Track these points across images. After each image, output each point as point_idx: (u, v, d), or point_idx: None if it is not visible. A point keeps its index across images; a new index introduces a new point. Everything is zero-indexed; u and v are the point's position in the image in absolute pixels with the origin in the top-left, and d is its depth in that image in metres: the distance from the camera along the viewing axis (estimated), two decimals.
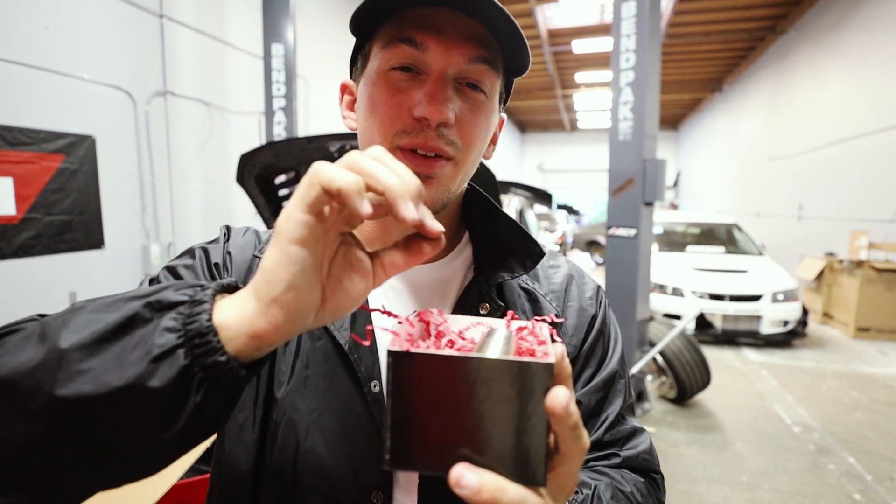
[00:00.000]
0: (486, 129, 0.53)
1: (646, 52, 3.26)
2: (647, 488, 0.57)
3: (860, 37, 6.43)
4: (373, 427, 0.52)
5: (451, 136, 0.50)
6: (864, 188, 6.24)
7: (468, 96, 0.51)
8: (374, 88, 0.51)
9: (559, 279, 0.64)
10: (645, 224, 3.43)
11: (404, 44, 0.48)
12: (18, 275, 2.91)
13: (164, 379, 0.31)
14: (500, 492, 0.29)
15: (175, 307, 0.33)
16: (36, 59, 2.94)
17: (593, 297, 0.64)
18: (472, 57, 0.49)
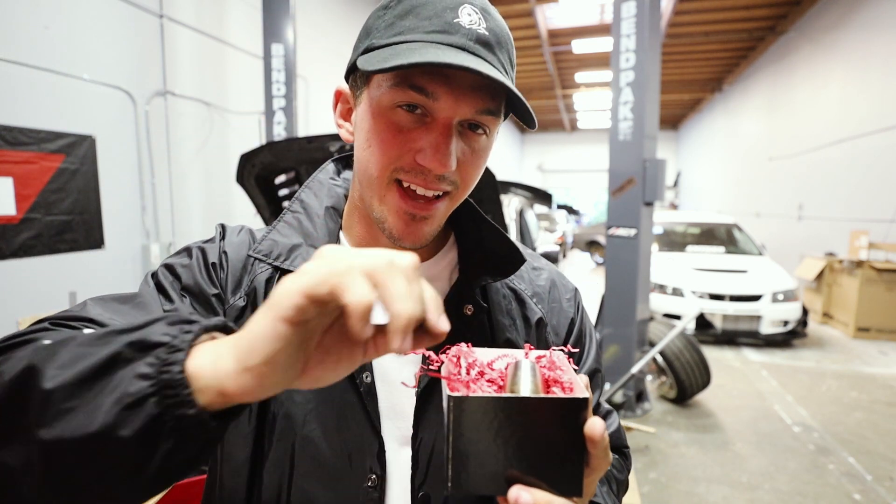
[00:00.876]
0: (484, 165, 0.55)
1: (646, 52, 3.26)
2: (619, 463, 0.64)
3: (860, 37, 6.43)
4: (365, 416, 0.54)
5: (454, 177, 0.52)
6: (864, 188, 6.24)
7: (470, 139, 0.52)
8: (375, 122, 0.51)
9: (543, 282, 0.68)
10: (645, 224, 3.43)
11: (413, 90, 0.48)
12: (18, 275, 2.91)
13: (134, 428, 0.31)
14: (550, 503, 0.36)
15: (154, 349, 0.33)
16: (36, 59, 2.94)
17: (571, 300, 0.68)
18: (479, 109, 0.50)
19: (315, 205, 0.62)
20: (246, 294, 0.57)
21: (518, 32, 9.38)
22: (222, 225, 0.62)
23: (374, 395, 0.55)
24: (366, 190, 0.54)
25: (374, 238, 0.59)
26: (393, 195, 0.52)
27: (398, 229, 0.52)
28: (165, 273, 0.56)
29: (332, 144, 2.32)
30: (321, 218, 0.60)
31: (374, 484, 0.53)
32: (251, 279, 0.57)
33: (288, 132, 4.34)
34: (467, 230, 0.64)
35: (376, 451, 0.54)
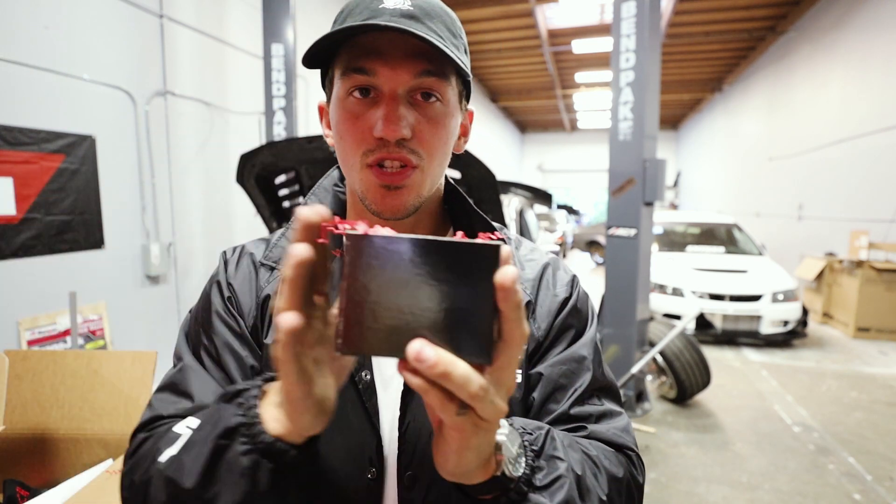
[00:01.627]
0: (447, 134, 0.57)
1: (646, 52, 3.26)
2: (617, 458, 0.56)
3: (860, 37, 6.43)
4: (364, 412, 0.57)
5: (413, 146, 0.54)
6: (864, 188, 6.24)
7: (423, 107, 0.54)
8: (337, 115, 0.56)
9: (534, 269, 0.67)
10: (645, 224, 3.43)
11: (356, 73, 0.53)
12: (18, 275, 2.91)
13: (266, 484, 0.40)
14: (452, 366, 0.31)
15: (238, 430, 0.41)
16: (36, 59, 2.94)
17: (568, 284, 0.66)
18: (417, 72, 0.53)
19: None
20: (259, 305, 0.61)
21: (518, 32, 9.38)
22: (223, 254, 0.67)
23: (373, 392, 0.57)
24: (349, 177, 0.58)
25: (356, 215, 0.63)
26: (367, 173, 0.55)
27: (376, 202, 0.55)
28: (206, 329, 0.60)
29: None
30: None
31: (373, 476, 0.56)
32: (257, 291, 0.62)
33: (288, 132, 4.34)
34: (461, 220, 0.66)
35: (375, 446, 0.56)
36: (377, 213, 0.56)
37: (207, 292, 0.63)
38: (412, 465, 0.56)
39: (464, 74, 0.58)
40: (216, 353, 0.58)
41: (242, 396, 0.43)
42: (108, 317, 3.44)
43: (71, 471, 1.21)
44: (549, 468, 0.46)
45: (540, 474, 0.45)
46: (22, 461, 1.22)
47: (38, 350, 1.29)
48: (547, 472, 0.45)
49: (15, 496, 1.08)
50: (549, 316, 0.63)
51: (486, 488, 0.42)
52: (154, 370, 1.33)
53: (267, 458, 0.40)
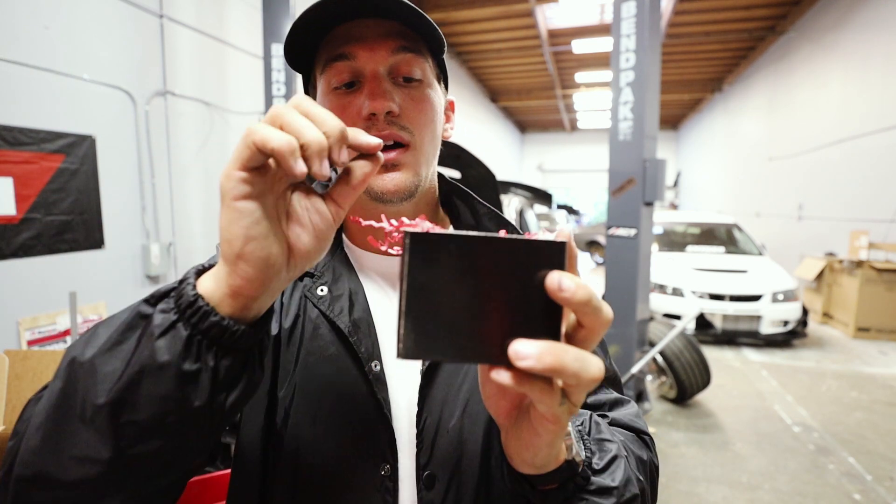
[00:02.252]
0: (433, 111, 0.57)
1: (646, 52, 3.26)
2: (638, 442, 0.58)
3: (860, 37, 6.43)
4: (376, 404, 0.55)
5: (402, 123, 0.54)
6: (864, 188, 6.24)
7: (406, 88, 0.55)
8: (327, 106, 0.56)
9: None
10: (645, 224, 3.43)
11: (338, 60, 0.54)
12: (18, 275, 2.91)
13: (173, 352, 0.34)
14: (563, 351, 0.30)
15: (167, 294, 0.37)
16: (36, 59, 2.94)
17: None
18: (394, 49, 0.54)
19: None
20: None
21: (518, 32, 9.38)
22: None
23: (383, 384, 0.55)
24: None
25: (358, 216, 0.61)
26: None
27: (375, 183, 0.55)
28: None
29: None
30: None
31: (387, 473, 0.54)
32: None
33: None
34: (461, 213, 0.66)
35: (387, 440, 0.54)
36: (378, 196, 0.55)
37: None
38: (430, 463, 0.54)
39: (436, 53, 0.58)
40: None
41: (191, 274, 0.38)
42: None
43: None
44: (602, 451, 0.46)
45: (595, 457, 0.45)
46: None
47: (38, 350, 1.29)
48: (601, 454, 0.46)
49: None
50: None
51: (558, 475, 0.41)
52: None
53: (184, 321, 0.35)
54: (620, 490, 0.44)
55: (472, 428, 0.55)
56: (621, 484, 0.44)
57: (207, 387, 0.35)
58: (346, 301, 0.57)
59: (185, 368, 0.34)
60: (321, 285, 0.59)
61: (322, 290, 0.58)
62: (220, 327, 0.35)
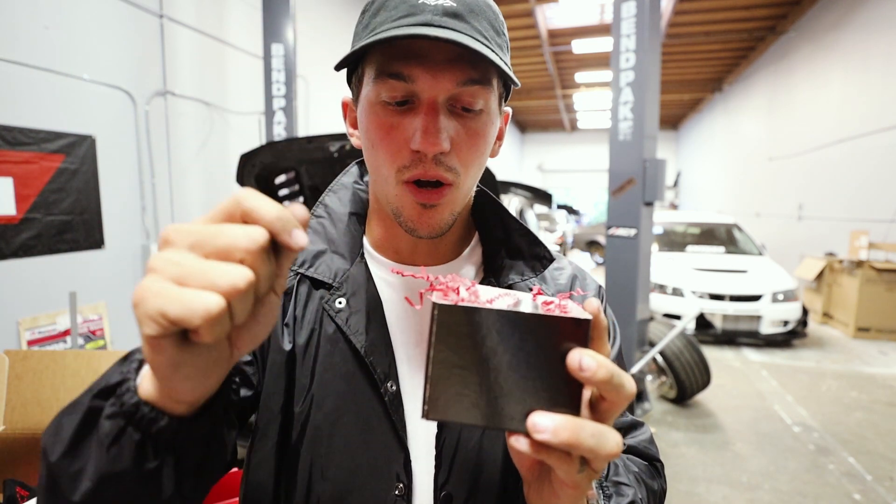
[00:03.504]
0: (485, 145, 0.53)
1: (646, 52, 3.26)
2: (650, 472, 0.59)
3: (860, 37, 6.43)
4: (390, 426, 0.54)
5: (450, 163, 0.50)
6: (864, 188, 6.24)
7: (464, 118, 0.51)
8: (369, 121, 0.52)
9: (564, 279, 0.66)
10: (645, 224, 3.43)
11: (392, 78, 0.48)
12: (18, 275, 2.91)
13: (128, 458, 0.33)
14: (579, 427, 0.31)
15: (115, 391, 0.35)
16: (36, 59, 2.94)
17: (596, 295, 0.66)
18: (461, 80, 0.48)
19: (339, 210, 0.63)
20: None
21: (518, 32, 9.38)
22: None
23: (399, 404, 0.54)
24: (380, 189, 0.55)
25: (391, 237, 0.60)
26: (403, 189, 0.52)
27: (412, 220, 0.53)
28: None
29: (332, 144, 2.32)
30: (344, 224, 0.62)
31: (401, 493, 0.53)
32: None
33: (288, 132, 4.34)
34: (492, 227, 0.63)
35: (402, 461, 0.53)
36: (412, 230, 0.53)
37: None
38: (448, 483, 0.54)
39: (506, 77, 0.52)
40: None
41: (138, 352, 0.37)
42: (108, 317, 3.44)
43: None
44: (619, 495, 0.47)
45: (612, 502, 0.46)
46: (22, 461, 1.22)
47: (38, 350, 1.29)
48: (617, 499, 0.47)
49: (15, 496, 1.08)
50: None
51: None
52: None
53: (133, 426, 0.33)
54: None
55: (491, 447, 0.55)
56: None
57: (173, 476, 0.35)
58: (363, 317, 0.56)
59: (146, 468, 0.34)
60: (339, 297, 0.57)
61: (340, 303, 0.57)
62: (172, 428, 0.34)
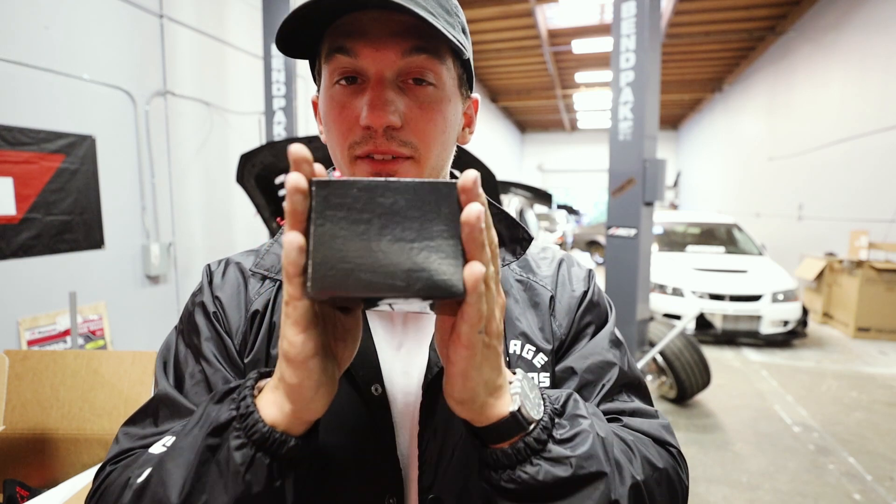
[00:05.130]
0: (444, 120, 0.50)
1: (646, 52, 3.26)
2: (657, 449, 0.51)
3: (860, 37, 6.43)
4: (377, 431, 0.53)
5: (404, 137, 0.48)
6: (864, 188, 6.24)
7: (415, 93, 0.49)
8: (325, 106, 0.52)
9: (551, 266, 0.65)
10: (645, 224, 3.43)
11: (338, 53, 0.48)
12: (18, 275, 2.91)
13: (261, 482, 0.37)
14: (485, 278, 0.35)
15: (230, 425, 0.38)
16: (36, 59, 2.94)
17: (584, 279, 0.64)
18: (405, 50, 0.47)
19: None
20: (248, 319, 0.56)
21: (518, 32, 9.38)
22: (207, 266, 0.61)
23: (386, 408, 0.53)
24: (339, 171, 0.54)
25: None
26: (357, 165, 0.50)
27: None
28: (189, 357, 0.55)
29: None
30: None
31: (391, 499, 0.52)
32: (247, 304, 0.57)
33: (288, 132, 4.34)
34: None
35: (390, 469, 0.52)
36: None
37: (190, 311, 0.57)
38: (434, 486, 0.52)
39: (461, 55, 0.50)
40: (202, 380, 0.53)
41: (235, 392, 0.40)
42: (108, 317, 3.44)
43: (71, 471, 1.21)
44: (572, 425, 0.42)
45: (561, 430, 0.42)
46: (22, 461, 1.22)
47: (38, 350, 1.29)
48: (569, 428, 0.42)
49: (15, 496, 1.08)
50: (569, 313, 0.61)
51: (504, 428, 0.40)
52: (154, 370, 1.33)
53: (263, 452, 0.37)
54: (578, 461, 0.40)
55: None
56: (582, 455, 0.40)
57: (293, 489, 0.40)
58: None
59: (275, 487, 0.38)
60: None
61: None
62: (298, 447, 0.39)
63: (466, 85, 0.55)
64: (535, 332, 0.59)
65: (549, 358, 0.58)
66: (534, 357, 0.57)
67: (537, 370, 0.57)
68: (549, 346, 0.58)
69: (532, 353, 0.57)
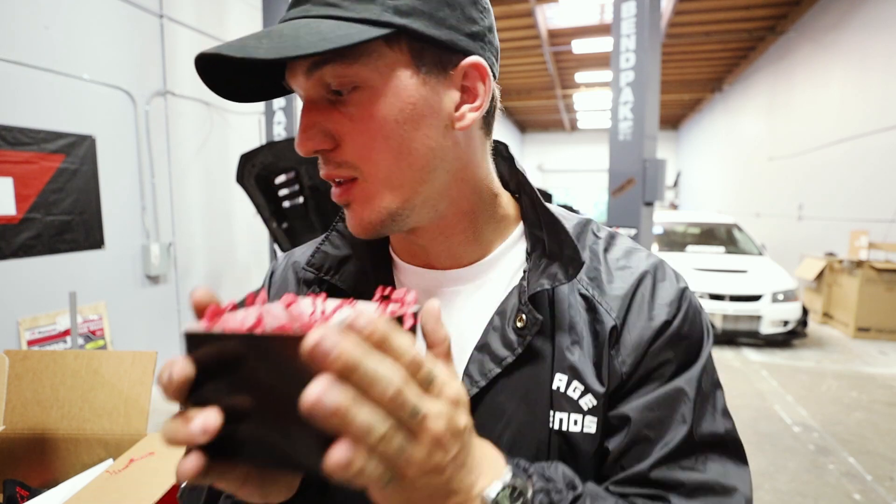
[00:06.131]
0: (384, 124, 0.42)
1: (646, 52, 3.26)
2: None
3: (860, 37, 6.43)
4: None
5: (338, 158, 0.44)
6: (864, 188, 6.24)
7: (344, 104, 0.43)
8: None
9: (627, 282, 0.51)
10: (645, 224, 3.44)
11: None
12: (18, 275, 2.91)
13: None
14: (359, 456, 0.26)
15: None
16: (36, 59, 2.94)
17: (672, 303, 0.50)
18: (306, 68, 0.42)
19: None
20: None
21: (518, 32, 9.38)
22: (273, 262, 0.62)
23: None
24: None
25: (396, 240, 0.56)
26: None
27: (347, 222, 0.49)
28: None
29: None
30: None
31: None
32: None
33: (288, 132, 4.34)
34: (533, 223, 0.53)
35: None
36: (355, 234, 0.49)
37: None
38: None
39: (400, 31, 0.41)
40: None
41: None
42: (108, 317, 3.44)
43: (71, 471, 1.21)
44: None
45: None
46: (22, 461, 1.22)
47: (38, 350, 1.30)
48: None
49: (15, 496, 1.08)
50: (638, 347, 0.48)
51: None
52: (154, 370, 1.33)
53: None
54: None
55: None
56: None
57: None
58: None
59: None
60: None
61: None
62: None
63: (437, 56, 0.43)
64: (586, 367, 0.48)
65: (599, 401, 0.47)
66: (581, 397, 0.47)
67: (583, 412, 0.47)
68: (601, 387, 0.47)
69: (580, 392, 0.47)
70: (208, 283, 4.41)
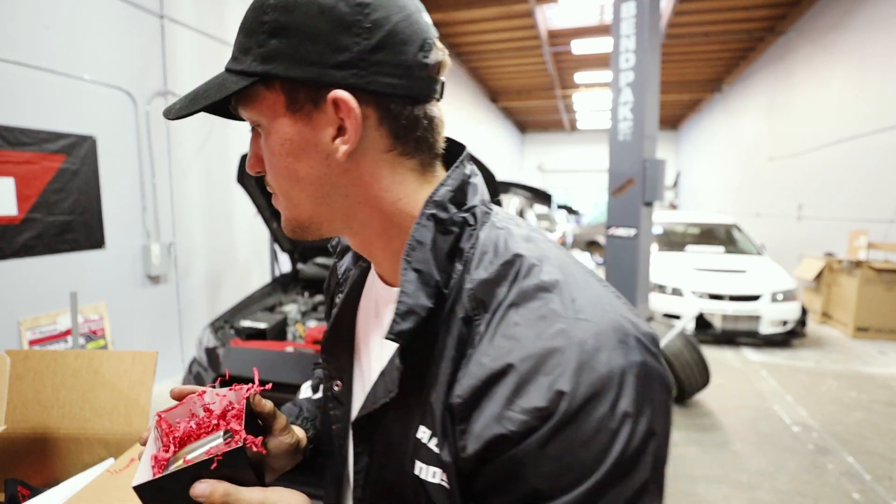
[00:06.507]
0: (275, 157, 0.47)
1: (646, 52, 3.27)
2: None
3: (860, 37, 6.44)
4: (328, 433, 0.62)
5: (266, 178, 0.51)
6: (863, 188, 6.24)
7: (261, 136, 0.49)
8: None
9: (495, 360, 0.40)
10: (645, 224, 3.44)
11: None
12: (19, 275, 2.91)
13: None
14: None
15: None
16: (36, 59, 2.94)
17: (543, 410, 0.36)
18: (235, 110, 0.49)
19: None
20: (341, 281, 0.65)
21: (518, 33, 9.39)
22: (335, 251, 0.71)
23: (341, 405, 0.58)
24: None
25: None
26: None
27: None
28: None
29: None
30: None
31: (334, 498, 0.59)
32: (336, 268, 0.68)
33: None
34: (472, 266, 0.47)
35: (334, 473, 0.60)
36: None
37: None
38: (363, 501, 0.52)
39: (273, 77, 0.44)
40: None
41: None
42: (108, 317, 3.45)
43: (72, 470, 1.21)
44: None
45: None
46: (23, 460, 1.23)
47: (39, 350, 1.30)
48: None
49: (16, 495, 1.08)
50: (478, 441, 0.39)
51: None
52: (154, 370, 1.34)
53: None
54: None
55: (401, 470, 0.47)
56: None
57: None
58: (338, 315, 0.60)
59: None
60: (340, 293, 0.63)
61: (339, 298, 0.62)
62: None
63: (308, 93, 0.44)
64: (437, 402, 0.43)
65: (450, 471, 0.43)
66: (442, 451, 0.43)
67: (442, 466, 0.43)
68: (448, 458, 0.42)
69: (427, 436, 0.44)
70: (208, 282, 4.41)
